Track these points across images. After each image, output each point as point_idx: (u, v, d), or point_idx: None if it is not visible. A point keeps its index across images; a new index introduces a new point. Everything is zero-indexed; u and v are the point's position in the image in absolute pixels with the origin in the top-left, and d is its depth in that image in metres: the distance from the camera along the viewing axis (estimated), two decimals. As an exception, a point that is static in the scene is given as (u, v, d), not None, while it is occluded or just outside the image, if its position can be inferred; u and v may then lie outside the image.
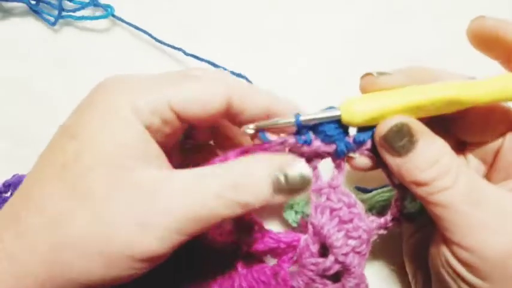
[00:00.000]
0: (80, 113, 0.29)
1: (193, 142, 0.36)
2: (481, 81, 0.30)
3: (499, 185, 0.31)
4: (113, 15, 0.45)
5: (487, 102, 0.29)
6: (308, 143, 0.30)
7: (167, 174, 0.27)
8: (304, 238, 0.31)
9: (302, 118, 0.29)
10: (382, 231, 0.33)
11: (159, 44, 0.45)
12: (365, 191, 0.39)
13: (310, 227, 0.31)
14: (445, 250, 0.28)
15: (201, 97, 0.28)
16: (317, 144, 0.30)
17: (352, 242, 0.30)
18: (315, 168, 0.31)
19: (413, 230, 0.36)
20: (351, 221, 0.30)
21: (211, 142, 0.37)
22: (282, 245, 0.31)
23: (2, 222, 0.27)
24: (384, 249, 0.39)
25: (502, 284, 0.27)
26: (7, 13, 0.47)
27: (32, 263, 0.26)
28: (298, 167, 0.27)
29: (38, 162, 0.29)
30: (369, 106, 0.29)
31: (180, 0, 0.47)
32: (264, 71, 0.42)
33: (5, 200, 0.35)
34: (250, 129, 0.29)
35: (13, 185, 0.35)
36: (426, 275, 0.32)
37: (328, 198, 0.31)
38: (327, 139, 0.30)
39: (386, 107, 0.29)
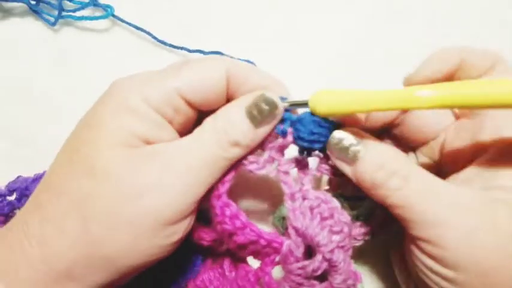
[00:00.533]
0: (94, 107, 0.31)
1: None
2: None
3: (450, 179, 0.32)
4: (113, 15, 0.45)
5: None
6: (284, 133, 0.31)
7: (175, 142, 0.30)
8: (287, 243, 0.31)
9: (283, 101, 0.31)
10: (368, 238, 0.33)
11: (159, 43, 0.45)
12: (349, 198, 0.39)
13: (292, 231, 0.31)
14: (413, 248, 0.29)
15: (205, 78, 0.31)
16: (290, 139, 0.32)
17: (336, 238, 0.30)
18: (286, 173, 0.32)
19: (398, 242, 0.36)
20: (331, 216, 0.31)
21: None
22: (263, 242, 0.31)
23: (26, 212, 0.29)
24: (384, 249, 0.39)
25: (472, 273, 0.27)
26: (7, 13, 0.47)
27: (62, 245, 0.27)
28: (263, 97, 0.30)
29: (57, 154, 0.31)
30: (333, 99, 0.30)
31: (180, 0, 0.47)
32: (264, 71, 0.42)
33: (10, 203, 0.35)
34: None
35: (18, 189, 0.35)
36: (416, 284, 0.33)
37: (304, 198, 0.31)
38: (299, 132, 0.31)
39: (348, 104, 0.29)
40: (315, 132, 0.31)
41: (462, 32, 0.47)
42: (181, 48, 0.44)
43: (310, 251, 0.31)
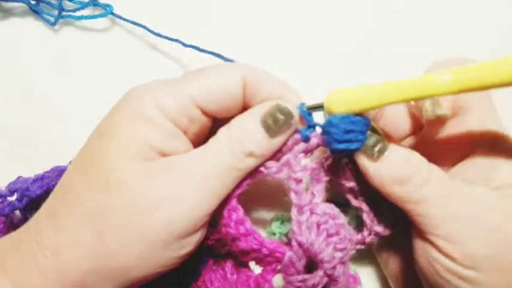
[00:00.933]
0: (109, 115, 0.30)
1: None
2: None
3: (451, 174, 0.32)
4: (112, 13, 0.45)
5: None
6: (307, 138, 0.31)
7: (188, 154, 0.30)
8: (288, 255, 0.31)
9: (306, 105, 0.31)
10: (360, 246, 0.33)
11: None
12: (339, 204, 0.38)
13: (295, 244, 0.30)
14: (429, 248, 0.29)
15: (221, 85, 0.30)
16: (314, 142, 0.31)
17: (339, 254, 0.30)
18: (299, 181, 0.31)
19: (387, 255, 0.36)
20: (337, 233, 0.30)
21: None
22: (265, 251, 0.31)
23: (39, 222, 0.29)
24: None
25: (494, 271, 0.27)
26: (7, 13, 0.47)
27: (77, 256, 0.27)
28: (279, 107, 0.30)
29: (71, 164, 0.31)
30: (347, 96, 0.29)
31: (180, 0, 0.47)
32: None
33: (10, 204, 0.35)
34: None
35: (19, 190, 0.35)
36: None
37: (312, 213, 0.31)
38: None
39: (364, 100, 0.29)
40: (349, 130, 0.29)
41: (462, 32, 0.47)
42: (176, 40, 0.43)
43: (311, 263, 0.31)
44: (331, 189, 0.33)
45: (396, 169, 0.29)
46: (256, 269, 0.34)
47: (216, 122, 0.33)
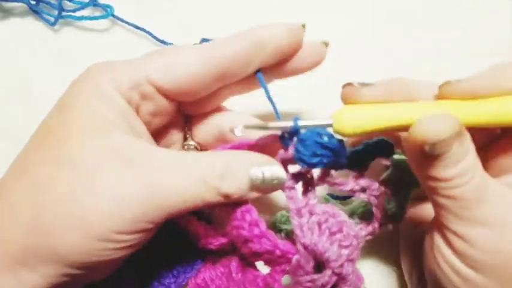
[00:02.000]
0: (66, 92, 0.30)
1: (195, 144, 0.36)
2: (479, 102, 0.29)
3: (498, 179, 0.30)
4: (113, 15, 0.45)
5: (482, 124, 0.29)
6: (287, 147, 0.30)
7: (153, 148, 0.28)
8: (296, 258, 0.30)
9: (300, 123, 0.29)
10: (369, 237, 0.33)
11: (159, 43, 0.45)
12: (338, 198, 0.38)
13: (300, 247, 0.30)
14: (439, 241, 0.29)
15: (176, 66, 0.30)
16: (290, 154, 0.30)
17: (345, 252, 0.30)
18: (292, 188, 0.31)
19: (411, 227, 0.36)
20: (340, 230, 0.30)
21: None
22: (278, 252, 0.30)
23: None
24: (384, 249, 0.39)
25: (495, 278, 0.27)
26: (7, 13, 0.47)
27: (13, 227, 0.26)
28: (275, 170, 0.29)
29: (30, 137, 0.30)
30: (360, 117, 0.28)
31: (180, 0, 0.47)
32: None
33: None
34: (239, 130, 0.30)
35: None
36: (421, 273, 0.32)
37: (312, 214, 0.30)
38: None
39: (379, 120, 0.28)
40: (318, 154, 0.29)
41: (462, 32, 0.47)
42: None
43: (319, 263, 0.31)
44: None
45: (446, 168, 0.26)
46: (261, 267, 0.34)
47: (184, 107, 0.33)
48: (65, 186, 0.25)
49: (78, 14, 0.46)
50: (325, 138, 0.29)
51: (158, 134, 0.34)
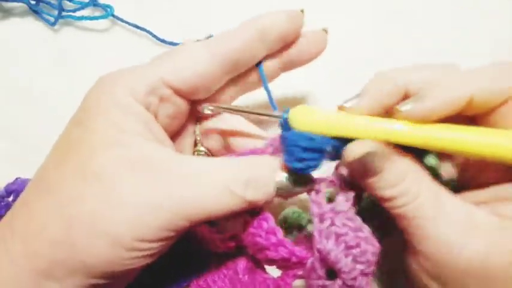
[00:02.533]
0: (83, 106, 0.30)
1: (205, 150, 0.36)
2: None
3: (465, 195, 0.30)
4: (113, 15, 0.45)
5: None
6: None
7: (176, 156, 0.28)
8: (310, 261, 0.30)
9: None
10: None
11: (159, 43, 0.45)
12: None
13: (316, 252, 0.30)
14: (412, 261, 0.29)
15: (187, 65, 0.30)
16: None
17: (360, 266, 0.29)
18: (318, 191, 0.31)
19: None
20: (358, 245, 0.29)
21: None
22: (294, 259, 0.30)
23: (13, 211, 0.28)
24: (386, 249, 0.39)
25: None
26: (7, 13, 0.47)
27: (41, 242, 0.26)
28: (295, 180, 0.29)
29: (49, 153, 0.30)
30: (317, 124, 0.28)
31: (180, 0, 0.47)
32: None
33: (7, 205, 0.35)
34: (208, 109, 0.32)
35: (16, 191, 0.35)
36: None
37: (332, 224, 0.30)
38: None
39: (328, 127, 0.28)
40: (302, 159, 0.28)
41: (462, 32, 0.47)
42: (176, 44, 0.44)
43: (334, 270, 0.30)
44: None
45: (385, 188, 0.28)
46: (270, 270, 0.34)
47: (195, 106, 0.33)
48: (92, 201, 0.26)
49: (78, 14, 0.46)
50: (306, 141, 0.28)
51: (172, 139, 0.34)
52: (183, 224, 0.26)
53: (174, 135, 0.34)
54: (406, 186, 0.27)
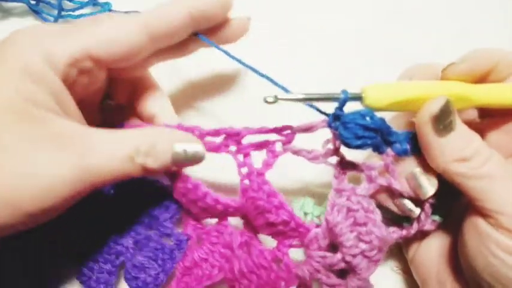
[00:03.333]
0: None
1: (113, 103, 0.36)
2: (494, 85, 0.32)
3: None
4: (110, 11, 0.45)
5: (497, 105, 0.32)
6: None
7: (85, 129, 0.28)
8: (315, 231, 0.31)
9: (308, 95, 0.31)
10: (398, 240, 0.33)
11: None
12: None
13: (324, 222, 0.31)
14: (485, 226, 0.28)
15: (116, 37, 0.30)
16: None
17: (362, 245, 0.30)
18: (343, 173, 0.32)
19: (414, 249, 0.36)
20: (365, 224, 0.30)
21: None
22: (293, 224, 0.31)
23: None
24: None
25: None
26: (7, 13, 0.47)
27: None
28: (195, 146, 0.31)
29: None
30: (391, 92, 0.30)
31: None
32: (263, 71, 0.42)
33: None
34: (271, 98, 0.30)
35: None
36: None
37: (347, 199, 0.31)
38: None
39: (409, 95, 0.30)
40: (360, 136, 0.29)
41: (462, 31, 0.47)
42: None
43: (335, 246, 0.31)
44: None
45: (460, 147, 0.29)
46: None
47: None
48: None
49: (77, 13, 0.46)
50: (368, 119, 0.29)
51: (85, 100, 0.33)
52: (89, 189, 0.28)
53: (87, 96, 0.33)
54: (479, 143, 0.29)
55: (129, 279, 0.33)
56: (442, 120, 0.29)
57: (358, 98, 0.30)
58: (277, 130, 0.32)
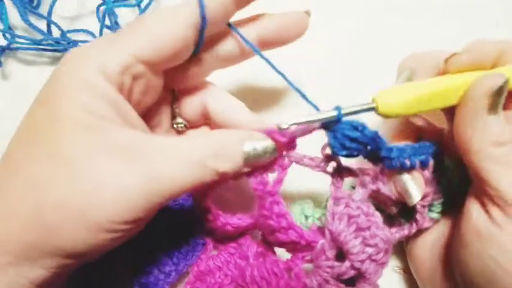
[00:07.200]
0: (50, 81, 0.29)
1: (184, 122, 0.36)
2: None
3: None
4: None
5: None
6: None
7: (149, 137, 0.28)
8: (321, 242, 0.31)
9: (343, 111, 0.30)
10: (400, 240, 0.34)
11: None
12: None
13: (327, 233, 0.31)
14: (490, 228, 0.28)
15: (163, 30, 0.29)
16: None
17: (369, 250, 0.30)
18: (340, 179, 0.33)
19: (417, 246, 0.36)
20: (368, 228, 0.30)
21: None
22: (303, 242, 0.31)
23: None
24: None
25: None
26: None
27: (14, 226, 0.26)
28: (265, 143, 0.31)
29: (15, 132, 0.29)
30: (404, 96, 0.30)
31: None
32: (263, 71, 0.42)
33: None
34: (286, 124, 0.30)
35: None
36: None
37: (346, 206, 0.31)
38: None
39: (421, 97, 0.30)
40: (347, 147, 0.30)
41: (462, 31, 0.47)
42: None
43: (343, 254, 0.31)
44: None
45: (501, 130, 0.28)
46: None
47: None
48: (64, 185, 0.26)
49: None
50: (357, 132, 0.29)
51: (147, 114, 0.34)
52: (160, 202, 0.27)
53: (150, 110, 0.34)
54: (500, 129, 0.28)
55: (142, 272, 0.33)
56: (497, 98, 0.28)
57: (370, 108, 0.30)
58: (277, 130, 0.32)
